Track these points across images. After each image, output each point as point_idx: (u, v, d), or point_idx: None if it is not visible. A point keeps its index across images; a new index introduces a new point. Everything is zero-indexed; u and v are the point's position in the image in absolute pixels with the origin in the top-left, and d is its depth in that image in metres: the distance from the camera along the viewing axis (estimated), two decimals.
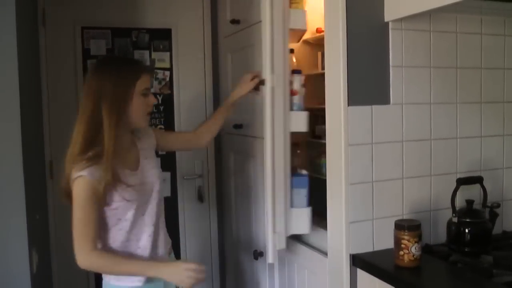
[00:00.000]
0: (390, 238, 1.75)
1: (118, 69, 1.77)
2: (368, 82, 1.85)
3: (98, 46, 3.08)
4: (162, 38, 3.13)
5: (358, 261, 1.83)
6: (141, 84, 1.78)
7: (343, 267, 1.85)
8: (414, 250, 1.67)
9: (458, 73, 2.00)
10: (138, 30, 3.11)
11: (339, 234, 1.86)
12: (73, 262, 1.71)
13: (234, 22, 2.66)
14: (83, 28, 3.02)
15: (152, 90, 2.95)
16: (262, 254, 2.52)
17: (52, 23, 2.88)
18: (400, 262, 1.70)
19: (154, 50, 3.14)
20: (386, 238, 1.83)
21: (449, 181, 1.95)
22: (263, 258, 2.52)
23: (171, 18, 3.10)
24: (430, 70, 1.95)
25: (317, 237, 2.14)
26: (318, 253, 2.09)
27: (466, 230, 1.85)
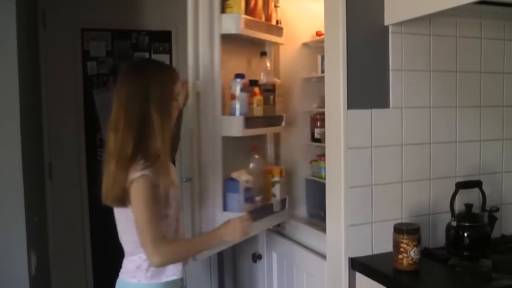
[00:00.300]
0: (389, 242, 1.75)
1: (162, 71, 1.78)
2: (367, 86, 1.86)
3: (98, 48, 3.09)
4: (162, 40, 3.14)
5: (357, 264, 1.83)
6: (176, 88, 1.80)
7: (342, 271, 1.85)
8: (413, 254, 1.67)
9: (457, 77, 2.00)
10: (138, 32, 3.11)
11: (338, 237, 1.86)
12: (71, 264, 1.71)
13: None
14: (83, 29, 3.02)
15: None
16: (260, 257, 2.52)
17: (52, 25, 2.89)
18: (399, 265, 1.70)
19: (154, 52, 3.15)
20: (385, 241, 1.83)
21: (448, 185, 1.95)
22: (262, 261, 2.52)
23: (171, 20, 3.10)
24: (430, 74, 1.95)
25: (316, 240, 2.14)
26: (317, 256, 2.09)
27: (465, 234, 1.85)
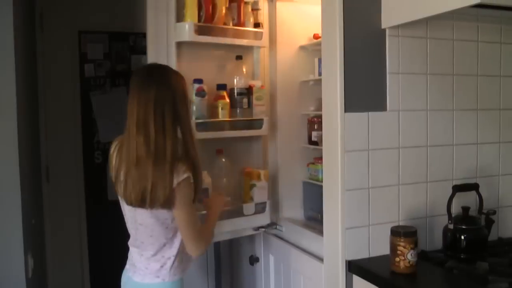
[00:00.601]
0: (386, 244, 1.75)
1: (179, 75, 1.83)
2: (365, 89, 1.86)
3: (95, 50, 3.08)
4: None
5: (354, 267, 1.83)
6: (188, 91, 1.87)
7: (339, 273, 1.85)
8: (410, 257, 1.67)
9: (454, 80, 2.01)
10: (135, 34, 3.11)
11: (335, 240, 1.86)
12: (68, 265, 1.71)
13: None
14: (80, 32, 3.03)
15: None
16: (258, 259, 2.52)
17: (49, 27, 2.89)
18: (396, 268, 1.70)
19: None
20: (382, 244, 1.83)
21: (445, 187, 1.95)
22: (259, 263, 2.52)
23: None
24: (427, 77, 1.95)
25: (313, 242, 2.14)
26: (314, 259, 2.09)
27: (462, 237, 1.85)
